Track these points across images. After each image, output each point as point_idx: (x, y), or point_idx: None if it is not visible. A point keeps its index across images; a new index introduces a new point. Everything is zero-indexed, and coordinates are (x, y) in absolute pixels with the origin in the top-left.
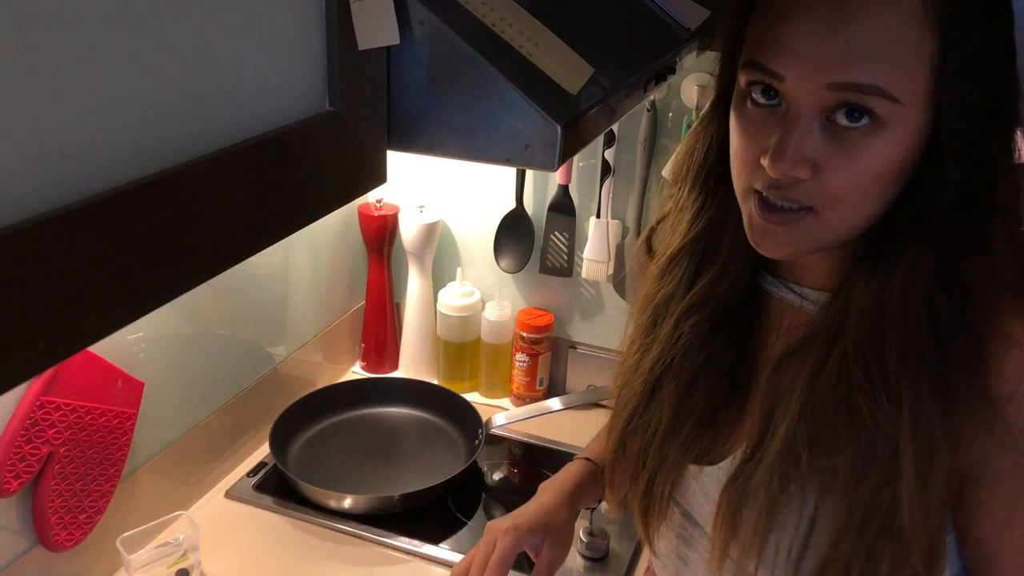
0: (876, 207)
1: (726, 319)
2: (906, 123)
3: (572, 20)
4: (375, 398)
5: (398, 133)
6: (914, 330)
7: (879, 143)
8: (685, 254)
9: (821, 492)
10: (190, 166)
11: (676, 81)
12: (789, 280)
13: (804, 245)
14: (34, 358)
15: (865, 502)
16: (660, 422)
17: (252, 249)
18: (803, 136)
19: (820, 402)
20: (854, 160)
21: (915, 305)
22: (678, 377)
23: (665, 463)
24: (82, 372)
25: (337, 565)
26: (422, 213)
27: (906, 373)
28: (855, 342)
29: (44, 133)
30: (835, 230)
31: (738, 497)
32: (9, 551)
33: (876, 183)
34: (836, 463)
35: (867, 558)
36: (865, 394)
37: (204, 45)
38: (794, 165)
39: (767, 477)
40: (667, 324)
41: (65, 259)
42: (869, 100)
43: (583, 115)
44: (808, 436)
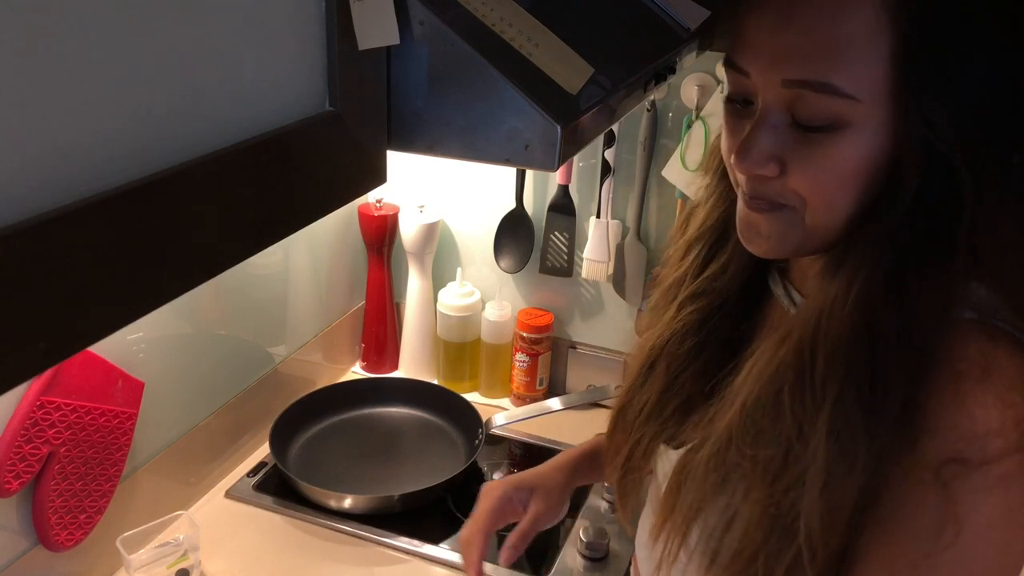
0: (849, 206)
1: (722, 311)
2: (869, 120)
3: (572, 20)
4: (375, 398)
5: (398, 133)
6: (846, 334)
7: (843, 141)
8: (699, 242)
9: (745, 482)
10: (190, 166)
11: (676, 81)
12: (788, 282)
13: (785, 240)
14: (34, 358)
15: (777, 500)
16: (648, 399)
17: (252, 249)
18: (768, 134)
19: (759, 393)
20: (818, 159)
21: (852, 308)
22: (670, 358)
23: (644, 439)
24: (82, 372)
25: (337, 565)
26: (422, 213)
27: (832, 377)
28: (797, 339)
29: (44, 133)
30: (811, 228)
31: (680, 477)
32: (9, 551)
33: (845, 182)
34: (759, 455)
35: (767, 559)
36: (792, 391)
37: (204, 45)
38: (758, 163)
39: (706, 457)
40: (672, 308)
41: (65, 259)
42: (821, 99)
43: (583, 115)
44: (742, 424)
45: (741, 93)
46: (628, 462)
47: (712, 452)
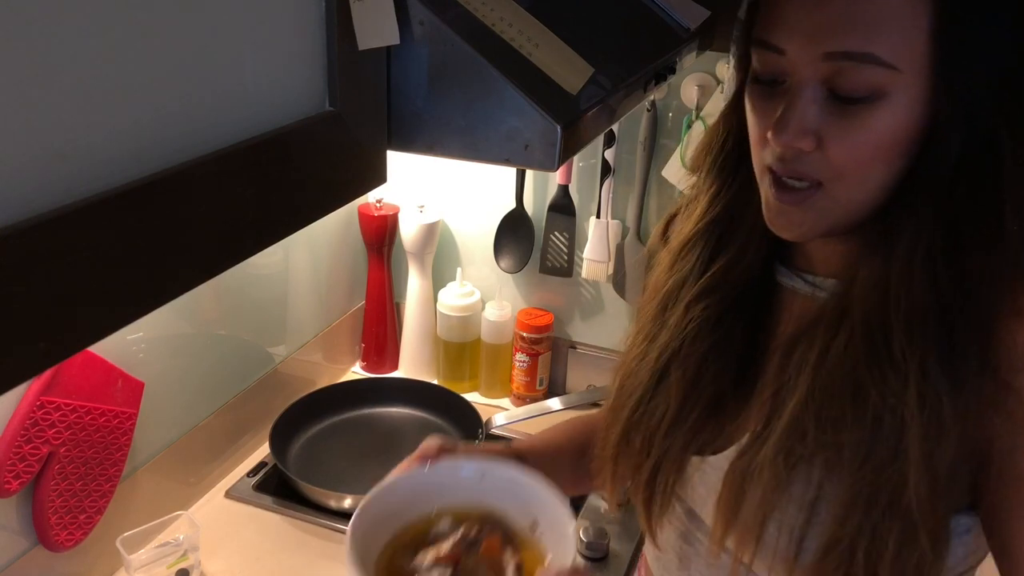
0: (882, 180)
1: (737, 304)
2: (907, 91)
3: (572, 20)
4: (375, 398)
5: (398, 133)
6: (918, 304)
7: (881, 113)
8: (699, 239)
9: (827, 469)
10: (190, 166)
11: (676, 81)
12: (803, 270)
13: (818, 224)
14: (34, 358)
15: (871, 479)
16: (667, 410)
17: (252, 249)
18: (805, 108)
19: (827, 379)
20: (856, 131)
21: (918, 279)
22: (686, 362)
23: (670, 452)
24: (82, 372)
25: (337, 565)
26: (422, 213)
27: (911, 348)
28: (861, 318)
29: (44, 133)
30: (844, 205)
31: (742, 476)
32: (9, 551)
33: (881, 154)
34: (842, 439)
35: (872, 537)
36: (870, 369)
37: (204, 45)
38: (796, 136)
39: (773, 453)
40: (677, 310)
41: (65, 259)
42: (864, 70)
43: (583, 115)
44: (815, 412)
45: (771, 72)
46: (655, 478)
47: (780, 447)
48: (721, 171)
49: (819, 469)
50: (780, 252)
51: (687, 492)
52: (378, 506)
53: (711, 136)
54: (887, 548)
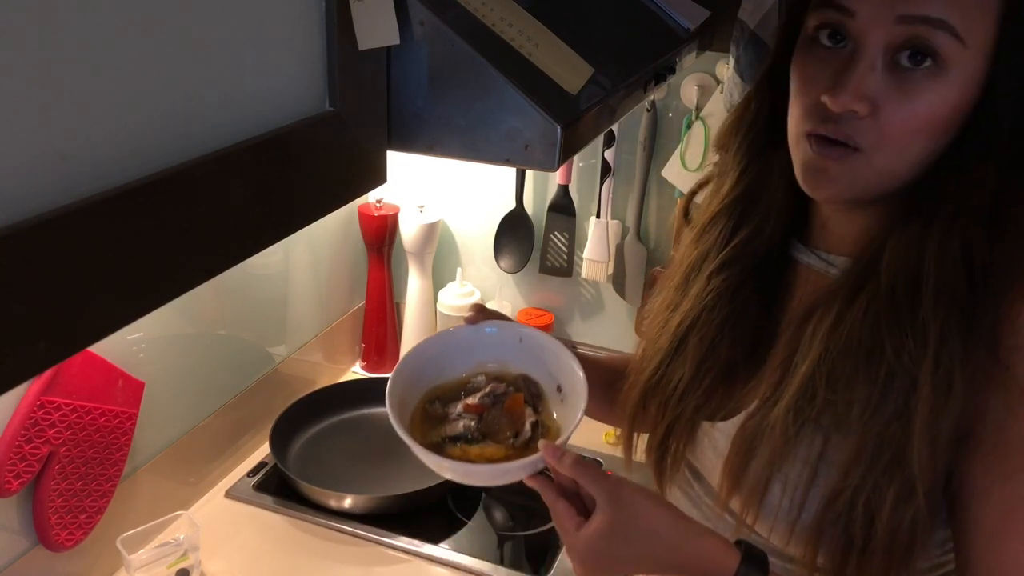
0: (922, 154)
1: (755, 277)
2: (967, 68)
3: (572, 20)
4: (375, 398)
5: (398, 133)
6: (950, 274)
7: (939, 86)
8: (723, 214)
9: (835, 426)
10: (191, 166)
11: (676, 81)
12: (819, 248)
13: (853, 184)
14: (34, 358)
15: (877, 433)
16: (682, 376)
17: (252, 249)
18: (866, 72)
19: (842, 342)
20: (912, 101)
21: (954, 249)
22: (703, 331)
23: (682, 416)
24: (82, 372)
25: (337, 565)
26: (422, 213)
27: (935, 313)
28: (888, 283)
29: (44, 133)
30: (879, 174)
31: (750, 438)
32: (9, 551)
33: (928, 127)
34: (852, 396)
35: (873, 491)
36: (891, 331)
37: (205, 45)
38: (855, 99)
39: (783, 413)
40: (699, 281)
41: (65, 259)
42: (936, 37)
43: (583, 115)
44: (827, 372)
45: (833, 35)
46: (667, 441)
47: (790, 406)
48: (750, 148)
49: (825, 429)
50: (798, 229)
51: (696, 456)
52: (420, 358)
53: (740, 113)
54: (885, 503)
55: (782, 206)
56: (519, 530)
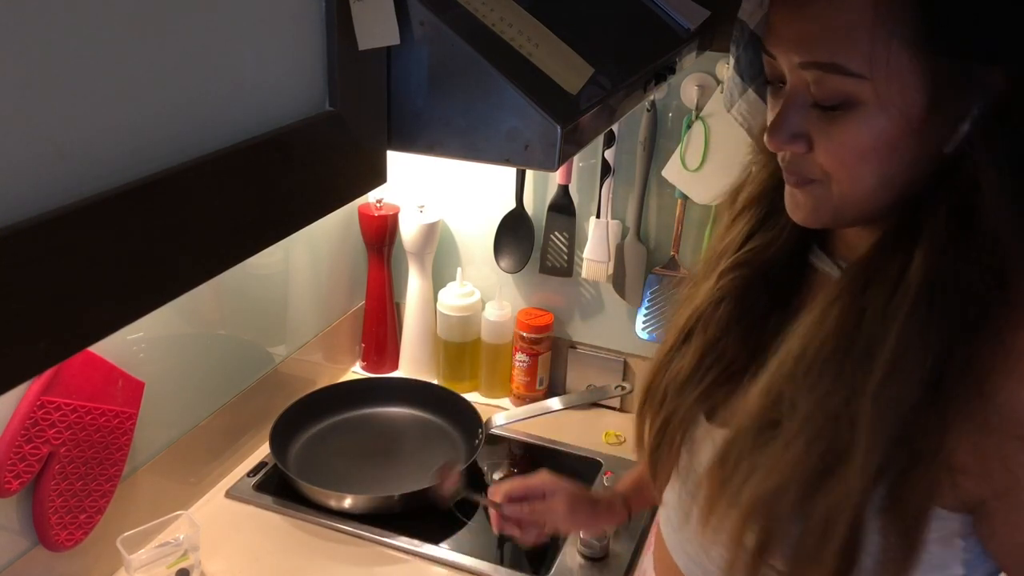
0: (880, 177)
1: (766, 280)
2: (882, 96)
3: (572, 20)
4: (375, 398)
5: (398, 133)
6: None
7: (859, 119)
8: (745, 214)
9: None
10: (190, 166)
11: (676, 81)
12: (834, 256)
13: (820, 211)
14: (34, 358)
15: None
16: (682, 368)
17: (252, 249)
18: (794, 113)
19: (805, 347)
20: (838, 136)
21: (940, 261)
22: (707, 326)
23: (680, 409)
24: (82, 372)
25: (337, 565)
26: (422, 213)
27: (899, 324)
28: (860, 290)
29: (44, 133)
30: (842, 199)
31: (727, 455)
32: (9, 551)
33: (868, 157)
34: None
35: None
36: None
37: (204, 45)
38: (786, 141)
39: (750, 423)
40: (712, 277)
41: (65, 259)
42: (831, 80)
43: (583, 115)
44: (788, 377)
45: (775, 75)
46: (663, 433)
47: (756, 417)
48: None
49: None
50: (819, 236)
51: (698, 457)
52: None
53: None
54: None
55: None
56: None
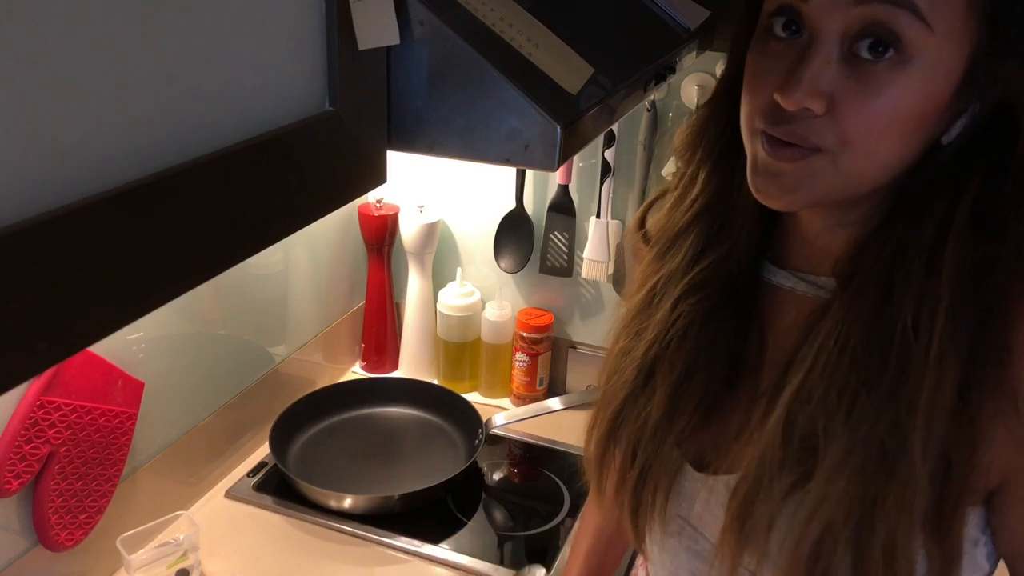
0: (892, 155)
1: (728, 302)
2: (935, 57)
3: (572, 20)
4: (375, 398)
5: (398, 133)
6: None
7: (903, 79)
8: (689, 230)
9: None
10: (190, 166)
11: (676, 81)
12: (800, 269)
13: (812, 191)
14: (34, 358)
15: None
16: (652, 411)
17: (252, 249)
18: (822, 65)
19: (834, 377)
20: (873, 96)
21: (947, 262)
22: (674, 360)
23: (659, 457)
24: (82, 372)
25: (337, 565)
26: (422, 213)
27: (931, 347)
28: (872, 306)
29: (44, 133)
30: (844, 175)
31: (744, 501)
32: (9, 551)
33: (895, 126)
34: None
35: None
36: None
37: (204, 45)
38: (808, 95)
39: (776, 472)
40: (664, 304)
41: (65, 259)
42: (899, 19)
43: (583, 115)
44: (810, 416)
45: (786, 23)
46: (641, 485)
47: (781, 464)
48: (713, 157)
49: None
50: (772, 248)
51: (693, 510)
52: None
53: (703, 117)
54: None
55: (753, 221)
56: (519, 530)
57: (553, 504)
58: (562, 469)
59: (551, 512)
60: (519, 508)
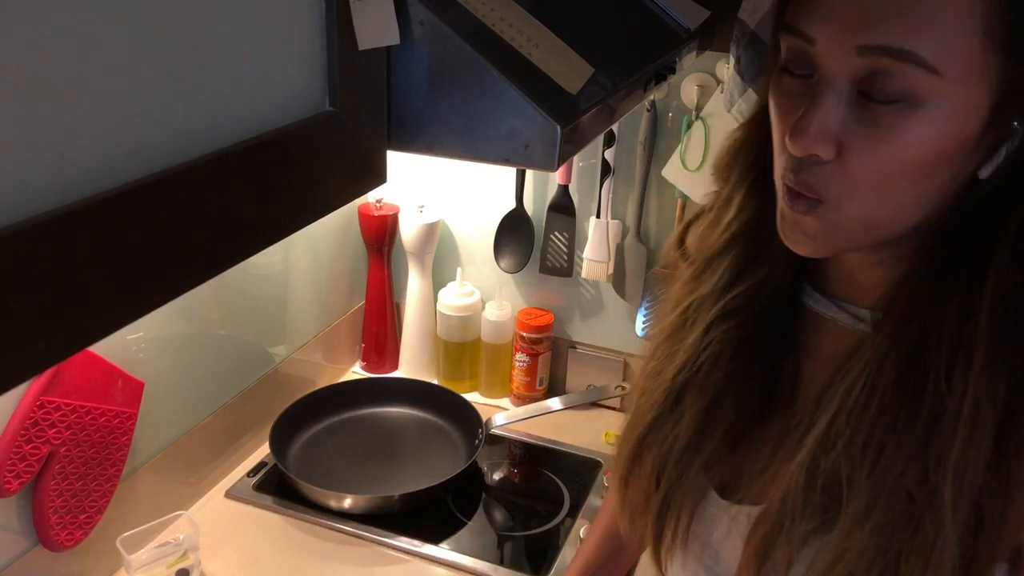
0: (906, 199)
1: (762, 330)
2: (950, 101)
3: (572, 20)
4: (375, 398)
5: (398, 133)
6: (966, 345)
7: (915, 124)
8: (725, 253)
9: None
10: (190, 166)
11: (676, 81)
12: (843, 299)
13: (834, 239)
14: (34, 358)
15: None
16: (679, 436)
17: (252, 249)
18: (830, 109)
19: (867, 422)
20: (882, 142)
21: (988, 303)
22: (704, 388)
23: (684, 482)
24: (82, 372)
25: (337, 565)
26: (422, 213)
27: (974, 385)
28: (903, 354)
29: (44, 133)
30: (862, 222)
31: (769, 536)
32: (9, 551)
33: (907, 171)
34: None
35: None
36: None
37: (204, 45)
38: (816, 141)
39: (798, 513)
40: (696, 329)
41: (65, 259)
42: (903, 71)
43: (583, 115)
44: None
45: (798, 65)
46: (666, 508)
47: (803, 507)
48: (750, 178)
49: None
50: (813, 274)
51: (702, 527)
52: None
53: (739, 137)
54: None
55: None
56: (519, 530)
57: (553, 504)
58: (562, 469)
59: (551, 512)
60: (519, 508)
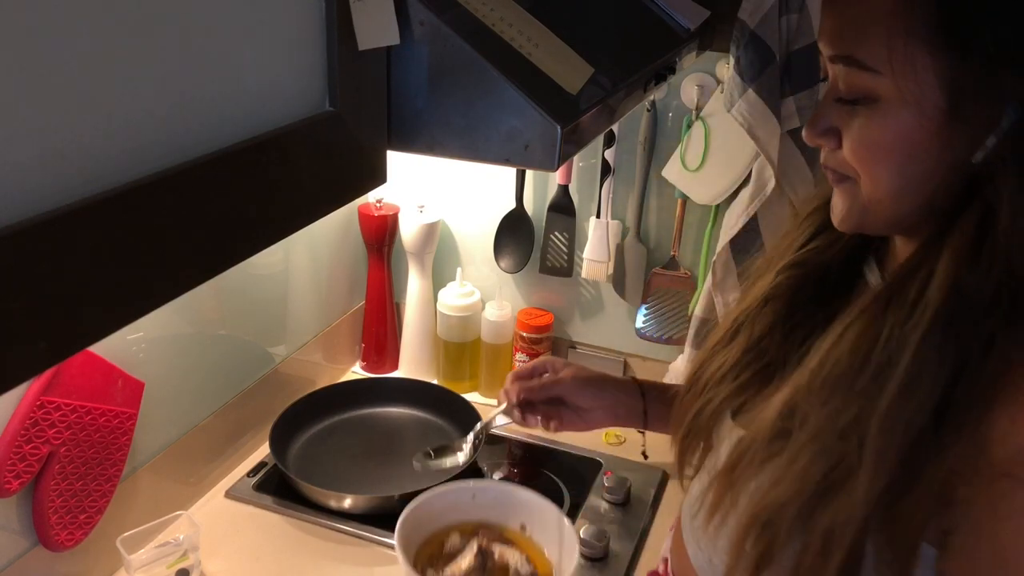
0: (896, 182)
1: (816, 283)
2: (900, 96)
3: (572, 20)
4: (375, 398)
5: (398, 133)
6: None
7: (877, 117)
8: (810, 217)
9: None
10: (190, 166)
11: (676, 81)
12: (884, 270)
13: (852, 212)
14: (34, 358)
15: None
16: (724, 362)
17: (252, 249)
18: (828, 107)
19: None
20: (860, 132)
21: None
22: (754, 323)
23: (713, 402)
24: (82, 372)
25: (337, 565)
26: (422, 213)
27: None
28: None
29: (44, 133)
30: (870, 201)
31: (739, 453)
32: (9, 551)
33: (888, 156)
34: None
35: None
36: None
37: (205, 45)
38: (818, 134)
39: (763, 432)
40: (768, 274)
41: (65, 259)
42: (849, 75)
43: (583, 115)
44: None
45: (825, 70)
46: (694, 421)
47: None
48: None
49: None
50: (877, 247)
51: (715, 447)
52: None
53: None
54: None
55: None
56: None
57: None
58: (562, 469)
59: None
60: None
